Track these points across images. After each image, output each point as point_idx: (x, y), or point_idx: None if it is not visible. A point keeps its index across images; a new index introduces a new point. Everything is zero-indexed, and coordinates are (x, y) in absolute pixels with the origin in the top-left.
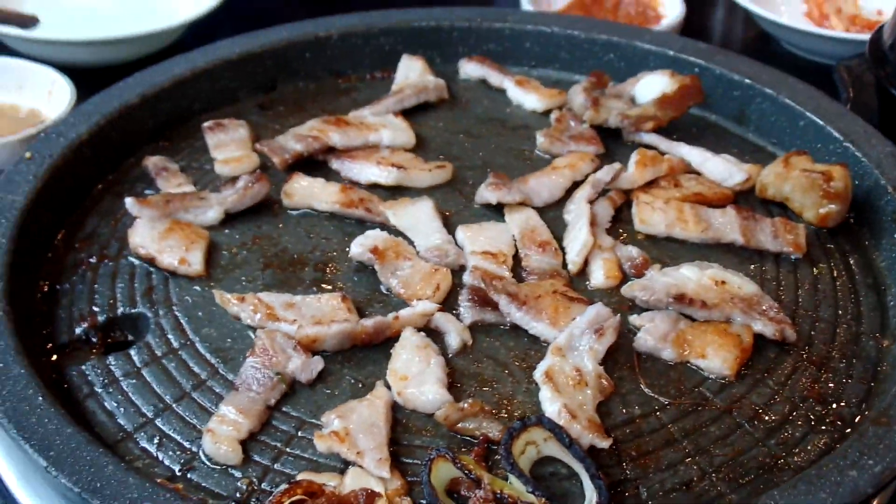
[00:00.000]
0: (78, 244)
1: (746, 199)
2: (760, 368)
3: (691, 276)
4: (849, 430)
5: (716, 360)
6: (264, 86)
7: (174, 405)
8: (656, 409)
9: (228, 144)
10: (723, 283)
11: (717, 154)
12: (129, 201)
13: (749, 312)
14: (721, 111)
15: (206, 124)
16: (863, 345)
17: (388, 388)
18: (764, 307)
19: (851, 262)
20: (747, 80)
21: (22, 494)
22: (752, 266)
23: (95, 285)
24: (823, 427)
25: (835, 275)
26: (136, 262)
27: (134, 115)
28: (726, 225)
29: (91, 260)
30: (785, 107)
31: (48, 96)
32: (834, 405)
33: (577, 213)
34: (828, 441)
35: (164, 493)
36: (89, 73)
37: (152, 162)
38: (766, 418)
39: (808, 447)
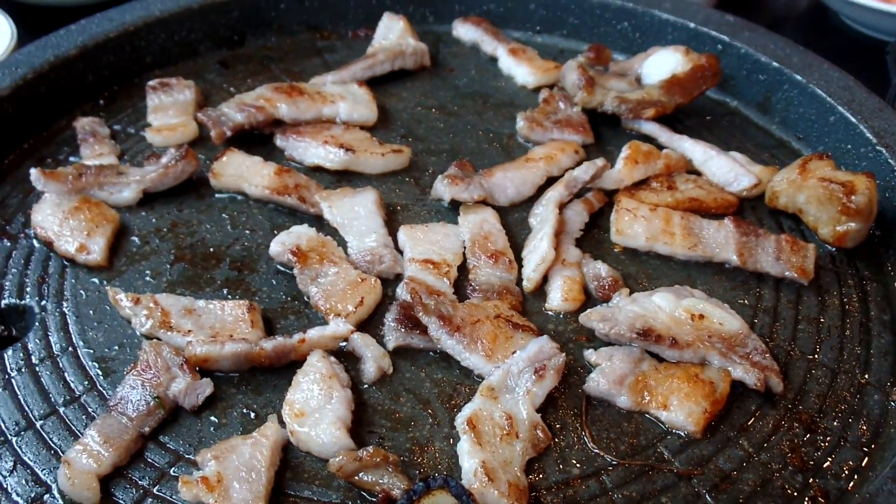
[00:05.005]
0: None
1: (754, 209)
2: (735, 424)
3: (664, 307)
4: None
5: (680, 412)
6: (229, 40)
7: (39, 423)
8: (600, 469)
9: (168, 108)
10: (700, 316)
11: (724, 152)
12: (33, 173)
13: (728, 355)
14: (743, 97)
15: (150, 83)
16: (867, 399)
17: (283, 423)
18: (748, 349)
19: (868, 291)
20: (775, 63)
21: None
22: (747, 293)
23: None
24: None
25: (846, 307)
26: (38, 243)
27: (71, 67)
28: (720, 241)
29: None
30: (814, 97)
31: None
32: (818, 477)
33: (542, 218)
34: None
35: None
36: (44, 17)
37: (82, 124)
38: (732, 488)
39: None
